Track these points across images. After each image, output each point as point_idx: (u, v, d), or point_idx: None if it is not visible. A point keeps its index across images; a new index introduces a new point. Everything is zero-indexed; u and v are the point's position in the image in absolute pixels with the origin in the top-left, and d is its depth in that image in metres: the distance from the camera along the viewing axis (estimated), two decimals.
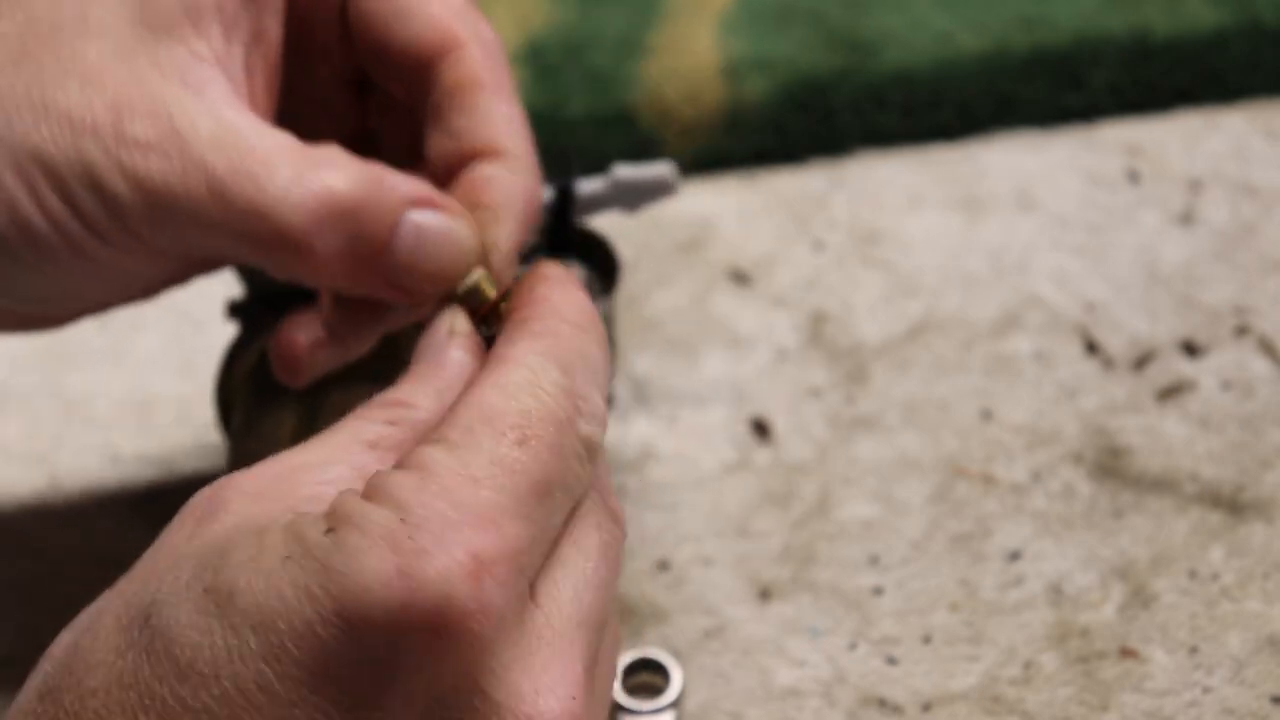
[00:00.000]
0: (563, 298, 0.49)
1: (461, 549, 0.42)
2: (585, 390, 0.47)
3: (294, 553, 0.42)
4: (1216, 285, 0.73)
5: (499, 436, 0.44)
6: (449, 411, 0.46)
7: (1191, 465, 0.67)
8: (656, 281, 0.75)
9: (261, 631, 0.41)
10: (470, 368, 0.49)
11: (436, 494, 0.43)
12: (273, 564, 0.42)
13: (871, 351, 0.72)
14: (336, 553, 0.41)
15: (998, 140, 0.80)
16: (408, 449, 0.46)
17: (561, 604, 0.45)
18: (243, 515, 0.44)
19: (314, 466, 0.46)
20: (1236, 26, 0.81)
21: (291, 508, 0.44)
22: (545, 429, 0.45)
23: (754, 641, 0.63)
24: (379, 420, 0.47)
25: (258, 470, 0.46)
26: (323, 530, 0.42)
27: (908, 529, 0.66)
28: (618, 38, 0.82)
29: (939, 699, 0.61)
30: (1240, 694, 0.60)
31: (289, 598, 0.41)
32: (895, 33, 0.82)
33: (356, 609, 0.41)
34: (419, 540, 0.42)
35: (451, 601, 0.41)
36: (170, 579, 0.43)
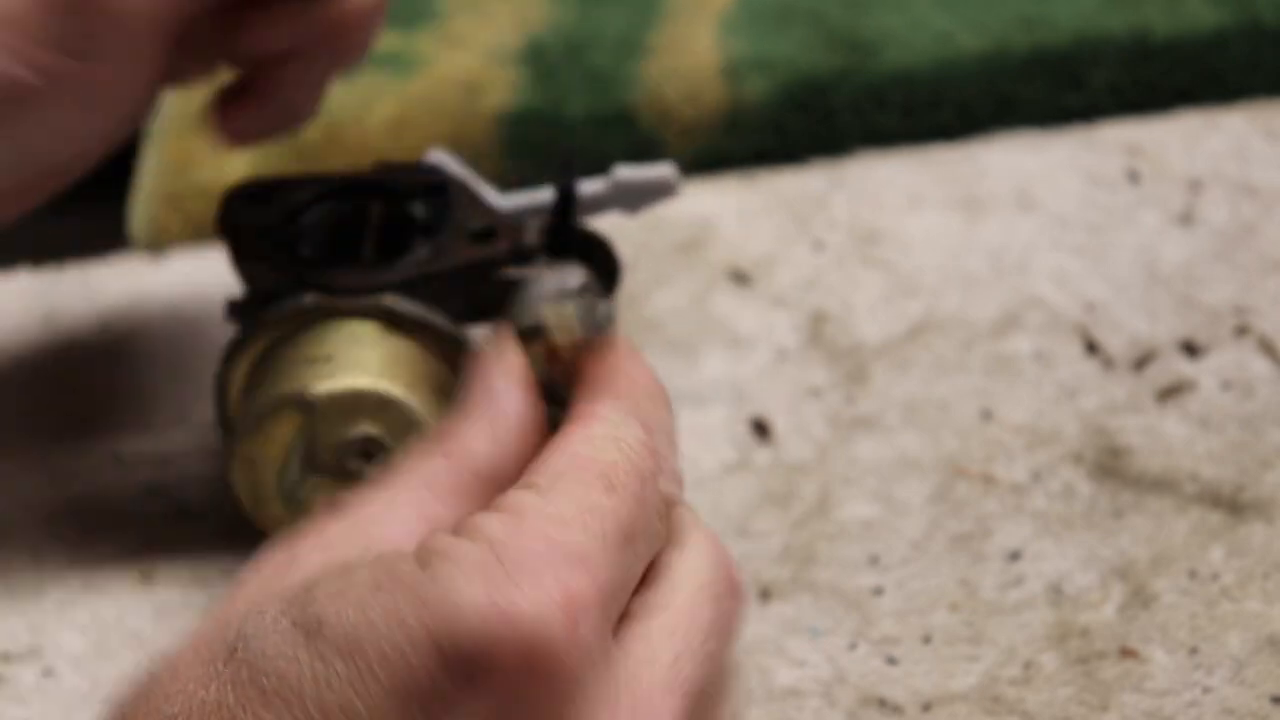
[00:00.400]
0: (636, 368, 0.50)
1: (555, 584, 0.42)
2: (664, 451, 0.48)
3: (384, 583, 0.41)
4: (1217, 285, 0.73)
5: (587, 485, 0.45)
6: (537, 460, 0.46)
7: (1192, 465, 0.67)
8: (656, 281, 0.75)
9: (349, 658, 0.41)
10: (528, 413, 0.49)
11: (528, 532, 0.43)
12: (362, 594, 0.41)
13: (871, 351, 0.72)
14: (430, 582, 0.41)
15: (998, 140, 0.80)
16: (469, 491, 0.46)
17: (654, 655, 0.45)
18: (322, 561, 0.44)
19: (381, 512, 0.46)
20: (1237, 26, 0.81)
21: (369, 550, 0.44)
22: (630, 480, 0.46)
23: (753, 641, 0.63)
24: (439, 463, 0.47)
25: (323, 524, 0.46)
26: (413, 563, 0.42)
27: (908, 529, 0.66)
28: (618, 38, 0.82)
29: (939, 699, 0.61)
30: (1240, 694, 0.60)
31: (379, 624, 0.41)
32: (895, 33, 0.82)
33: (449, 636, 0.41)
34: (513, 573, 0.41)
35: (545, 634, 0.41)
36: (255, 618, 0.42)
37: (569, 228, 0.62)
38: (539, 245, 0.61)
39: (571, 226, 0.62)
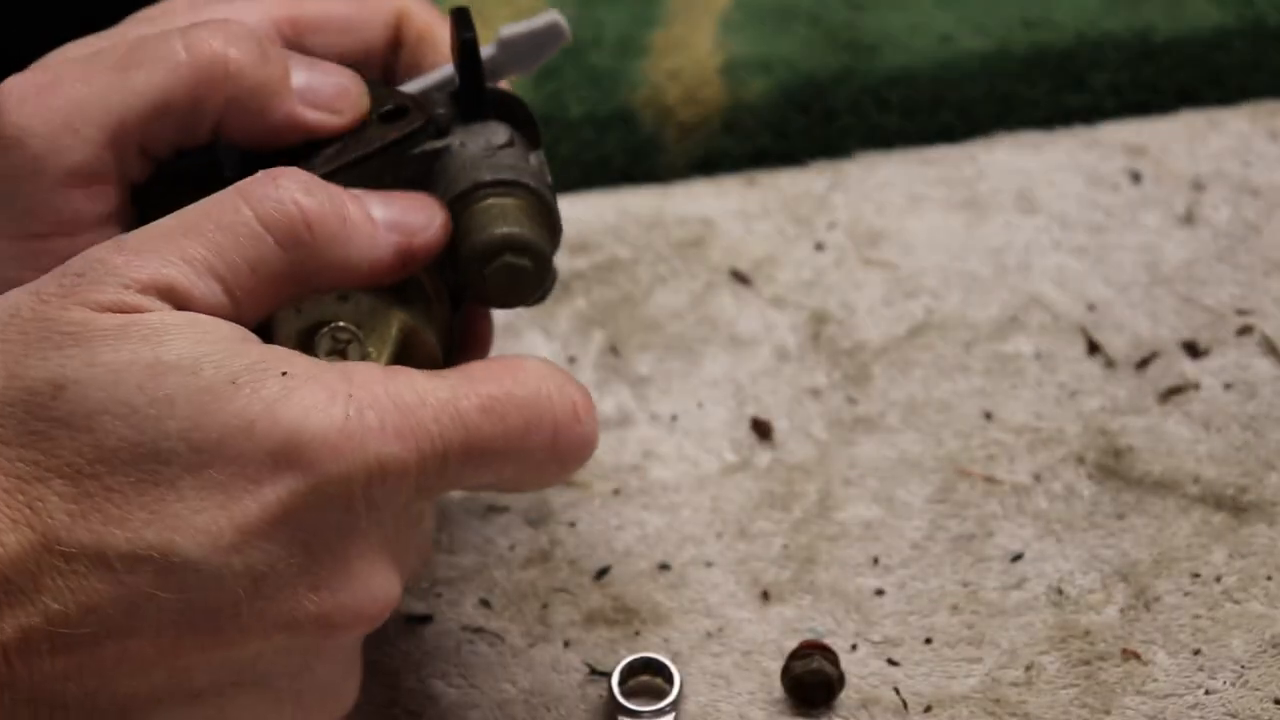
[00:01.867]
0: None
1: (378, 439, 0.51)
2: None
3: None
4: (1219, 286, 0.73)
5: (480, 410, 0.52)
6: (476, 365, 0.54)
7: (1194, 466, 0.67)
8: (656, 281, 0.74)
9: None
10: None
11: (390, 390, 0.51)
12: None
13: (872, 352, 0.72)
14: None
15: (999, 141, 0.80)
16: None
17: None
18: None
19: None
20: (1239, 26, 0.81)
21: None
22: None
23: (755, 643, 0.63)
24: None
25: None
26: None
27: (909, 530, 0.66)
28: (618, 38, 0.82)
29: (940, 701, 0.61)
30: (1243, 696, 0.60)
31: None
32: (895, 33, 0.82)
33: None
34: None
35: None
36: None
37: (479, 86, 0.59)
38: (452, 115, 0.59)
39: (482, 85, 0.59)
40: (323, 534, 0.49)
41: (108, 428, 0.47)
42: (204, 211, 0.51)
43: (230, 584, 0.48)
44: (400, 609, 0.64)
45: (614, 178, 0.79)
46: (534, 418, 0.53)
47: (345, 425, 0.49)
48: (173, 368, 0.48)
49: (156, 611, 0.48)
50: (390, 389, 0.50)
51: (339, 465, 0.49)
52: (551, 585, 0.64)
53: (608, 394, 0.70)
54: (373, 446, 0.49)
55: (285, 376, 0.49)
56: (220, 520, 0.48)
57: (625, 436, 0.69)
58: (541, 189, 0.57)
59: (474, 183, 0.56)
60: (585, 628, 0.63)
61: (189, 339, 0.49)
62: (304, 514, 0.49)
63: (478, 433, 0.51)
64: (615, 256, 0.75)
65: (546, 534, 0.66)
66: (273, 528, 0.48)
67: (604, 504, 0.67)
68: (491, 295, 0.56)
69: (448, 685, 0.62)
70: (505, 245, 0.55)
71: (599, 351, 0.72)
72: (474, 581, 0.65)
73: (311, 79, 0.57)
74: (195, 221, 0.51)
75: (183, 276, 0.50)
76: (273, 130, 0.56)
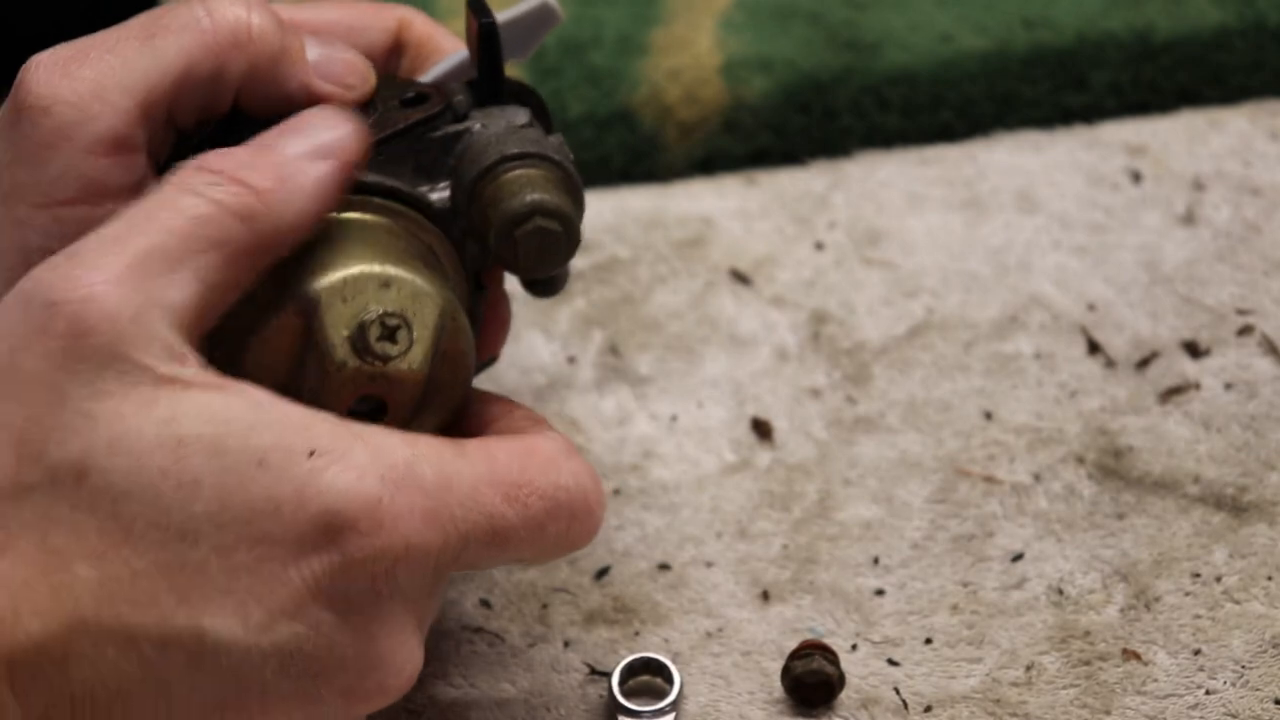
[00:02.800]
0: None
1: (410, 522, 0.51)
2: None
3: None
4: (1219, 285, 0.73)
5: (496, 487, 0.52)
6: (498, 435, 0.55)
7: (1194, 466, 0.67)
8: (656, 281, 0.74)
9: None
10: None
11: (416, 473, 0.51)
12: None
13: (872, 352, 0.72)
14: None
15: (999, 140, 0.80)
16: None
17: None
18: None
19: None
20: (1239, 26, 0.81)
21: None
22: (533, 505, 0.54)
23: (755, 643, 0.62)
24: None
25: None
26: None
27: (909, 530, 0.66)
28: (618, 38, 0.82)
29: (940, 701, 0.61)
30: (1244, 696, 0.60)
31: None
32: (895, 33, 0.82)
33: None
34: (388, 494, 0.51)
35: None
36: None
37: (499, 71, 0.60)
38: (470, 102, 0.59)
39: (501, 69, 0.60)
40: (349, 613, 0.49)
41: (134, 513, 0.47)
42: (148, 207, 0.50)
43: (258, 663, 0.48)
44: None
45: (614, 177, 0.79)
46: (553, 509, 0.53)
47: (377, 511, 0.49)
48: (197, 450, 0.47)
49: (185, 691, 0.48)
50: (417, 469, 0.50)
51: (368, 549, 0.49)
52: (551, 585, 0.64)
53: (608, 394, 0.70)
54: (402, 531, 0.49)
55: (313, 456, 0.48)
56: (249, 603, 0.48)
57: (625, 436, 0.69)
58: (565, 163, 0.58)
59: (501, 155, 0.57)
60: (585, 628, 0.63)
61: (211, 415, 0.48)
62: (331, 594, 0.49)
63: (500, 521, 0.52)
64: (615, 256, 0.75)
65: None
66: (301, 609, 0.48)
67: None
68: (522, 261, 0.57)
69: (448, 685, 0.62)
70: (535, 210, 0.56)
71: (599, 351, 0.72)
72: (474, 581, 0.64)
73: (323, 53, 0.57)
74: (144, 216, 0.50)
75: (160, 284, 0.49)
76: (288, 99, 0.56)
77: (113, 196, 0.54)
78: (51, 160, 0.54)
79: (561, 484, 0.53)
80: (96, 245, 0.49)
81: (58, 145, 0.53)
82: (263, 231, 0.51)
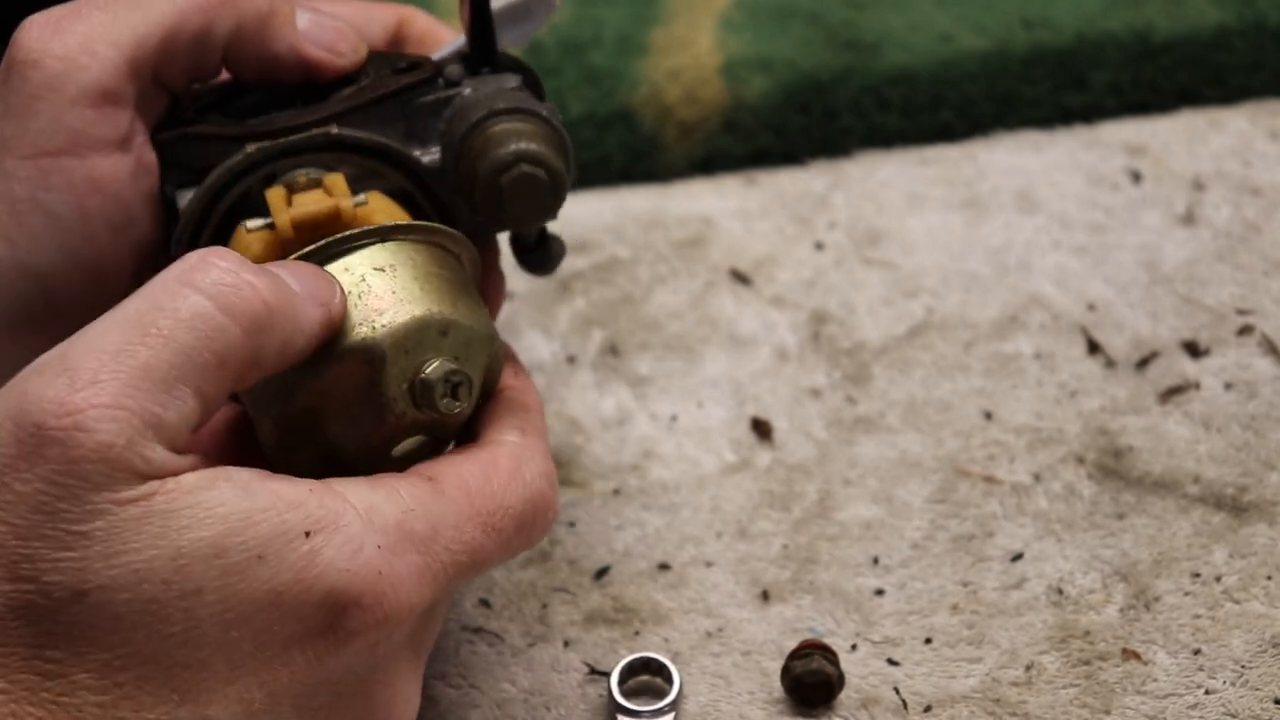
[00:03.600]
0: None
1: (394, 589, 0.51)
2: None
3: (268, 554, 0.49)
4: (1219, 285, 0.73)
5: (474, 519, 0.53)
6: (465, 455, 0.54)
7: (1194, 466, 0.67)
8: (656, 281, 0.74)
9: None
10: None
11: (406, 527, 0.51)
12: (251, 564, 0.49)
13: (872, 352, 0.72)
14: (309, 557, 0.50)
15: (999, 140, 0.80)
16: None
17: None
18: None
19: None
20: (1239, 26, 0.81)
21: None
22: (510, 531, 0.54)
23: (755, 643, 0.62)
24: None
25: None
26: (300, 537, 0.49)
27: (909, 530, 0.66)
28: (618, 37, 0.82)
29: (940, 700, 0.61)
30: (1243, 696, 0.60)
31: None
32: (895, 33, 0.82)
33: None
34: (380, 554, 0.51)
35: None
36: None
37: (490, 37, 0.60)
38: (462, 72, 0.60)
39: (492, 35, 0.60)
40: (350, 680, 0.50)
41: (136, 624, 0.46)
42: (153, 306, 0.48)
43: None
44: None
45: (614, 177, 0.79)
46: (521, 523, 0.54)
47: (378, 585, 0.49)
48: (197, 557, 0.47)
49: None
50: (408, 525, 0.50)
51: (371, 621, 0.49)
52: (551, 585, 0.64)
53: (608, 394, 0.70)
54: (403, 597, 0.49)
55: (309, 538, 0.48)
56: (252, 688, 0.48)
57: (625, 436, 0.69)
58: (554, 120, 0.58)
59: (489, 110, 0.57)
60: (585, 628, 0.63)
61: (207, 515, 0.47)
62: (333, 668, 0.49)
63: (481, 552, 0.52)
64: (615, 256, 0.75)
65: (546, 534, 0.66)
66: (304, 687, 0.48)
67: (604, 504, 0.67)
68: (509, 210, 0.57)
69: (448, 685, 0.62)
70: (520, 158, 0.56)
71: (599, 351, 0.72)
72: (474, 581, 0.65)
73: (314, 20, 0.57)
74: (148, 321, 0.48)
75: (156, 408, 0.47)
76: (276, 61, 0.56)
77: (98, 149, 0.54)
78: (39, 112, 0.54)
79: (527, 496, 0.54)
80: (94, 360, 0.47)
81: (45, 97, 0.54)
82: (261, 345, 0.50)
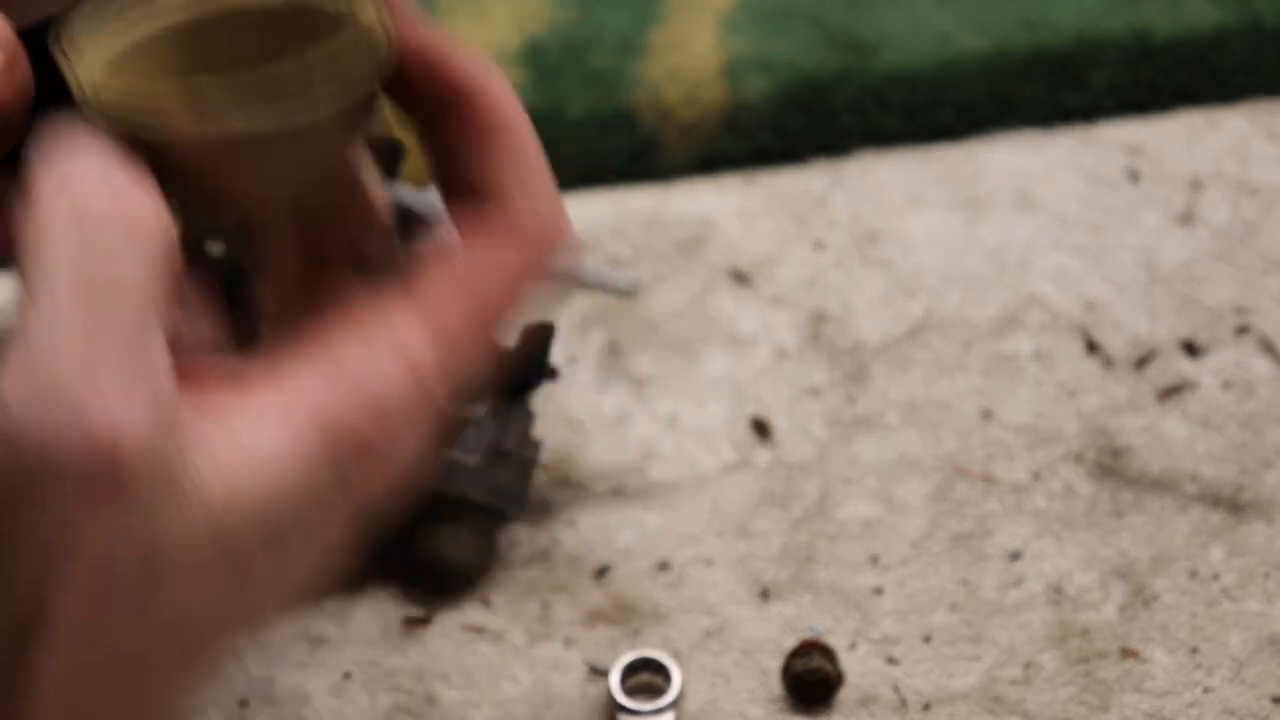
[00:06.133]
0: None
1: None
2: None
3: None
4: (1217, 285, 0.73)
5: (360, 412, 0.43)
6: (314, 339, 0.44)
7: (1192, 465, 0.67)
8: (656, 281, 0.74)
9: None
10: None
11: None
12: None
13: (871, 351, 0.72)
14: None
15: (998, 140, 0.80)
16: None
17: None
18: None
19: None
20: (1237, 26, 0.81)
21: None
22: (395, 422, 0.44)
23: (754, 642, 0.63)
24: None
25: None
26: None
27: (908, 529, 0.66)
28: (618, 38, 0.82)
29: (939, 699, 0.61)
30: (1241, 694, 0.60)
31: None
32: (895, 33, 0.82)
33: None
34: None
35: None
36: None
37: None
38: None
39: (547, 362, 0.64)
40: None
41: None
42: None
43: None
44: (400, 611, 0.64)
45: (614, 178, 0.79)
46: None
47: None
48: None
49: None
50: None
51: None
52: (551, 584, 0.65)
53: (608, 394, 0.70)
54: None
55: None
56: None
57: (625, 436, 0.69)
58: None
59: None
60: (585, 627, 0.63)
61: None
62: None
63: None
64: (615, 256, 0.75)
65: (546, 533, 0.66)
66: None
67: (604, 503, 0.67)
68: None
69: (448, 685, 0.62)
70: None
71: (599, 351, 0.72)
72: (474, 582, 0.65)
73: None
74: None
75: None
76: None
77: None
78: None
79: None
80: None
81: None
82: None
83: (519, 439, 0.64)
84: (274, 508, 0.42)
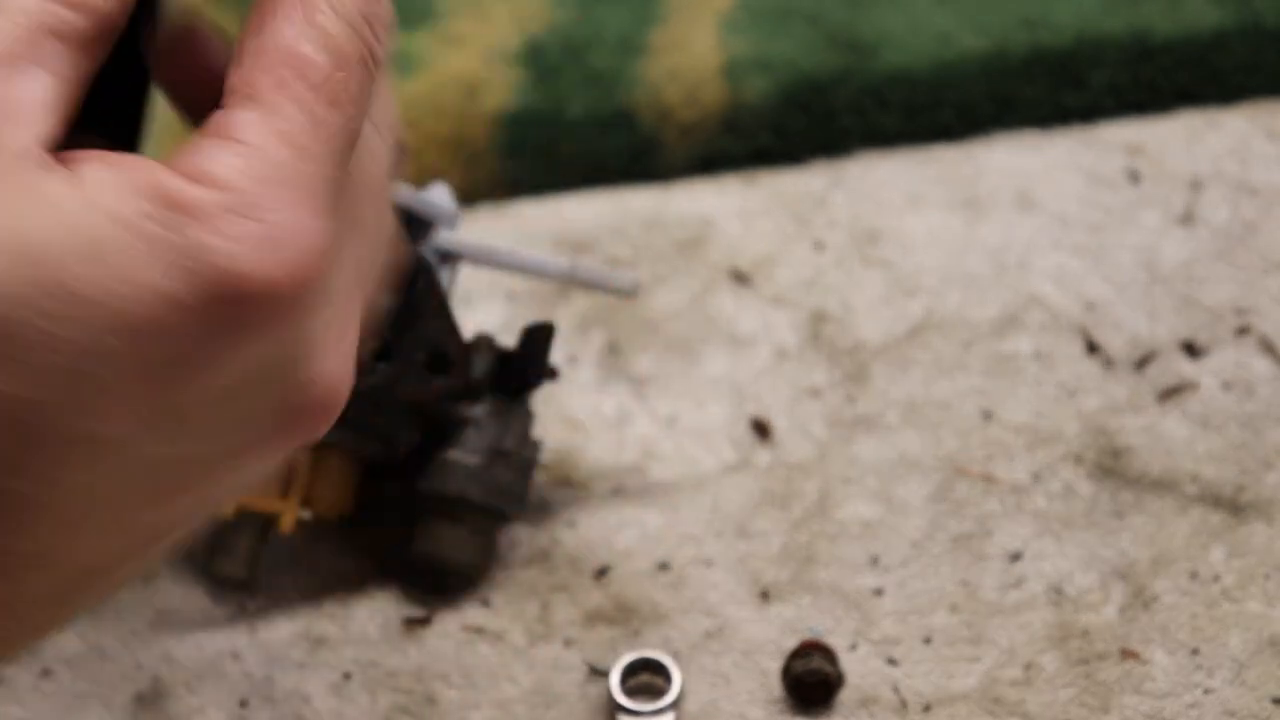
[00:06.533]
0: None
1: (295, 233, 0.42)
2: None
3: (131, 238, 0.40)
4: (1217, 285, 0.73)
5: (313, 96, 0.43)
6: (253, 54, 0.43)
7: (1192, 465, 0.67)
8: (656, 281, 0.74)
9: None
10: None
11: (263, 172, 0.42)
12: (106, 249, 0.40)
13: (871, 351, 0.72)
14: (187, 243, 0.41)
15: (998, 140, 0.80)
16: (95, 40, 0.43)
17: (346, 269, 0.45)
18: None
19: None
20: (1237, 26, 0.81)
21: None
22: (351, 83, 0.44)
23: (754, 642, 0.63)
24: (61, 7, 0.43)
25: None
26: (152, 218, 0.41)
27: (908, 529, 0.66)
28: (618, 38, 0.82)
29: (939, 700, 0.61)
30: (1241, 695, 0.60)
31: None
32: (895, 33, 0.82)
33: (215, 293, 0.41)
34: (253, 225, 0.41)
35: (285, 274, 0.42)
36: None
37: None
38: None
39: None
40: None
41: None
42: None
43: None
44: (400, 611, 0.64)
45: (614, 178, 0.79)
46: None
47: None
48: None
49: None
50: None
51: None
52: (551, 585, 0.65)
53: (608, 394, 0.70)
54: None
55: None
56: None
57: (625, 436, 0.69)
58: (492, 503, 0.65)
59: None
60: (585, 627, 0.63)
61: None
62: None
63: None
64: (615, 256, 0.75)
65: (546, 533, 0.66)
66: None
67: (604, 503, 0.67)
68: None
69: (447, 685, 0.62)
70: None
71: (599, 351, 0.72)
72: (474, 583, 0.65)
73: None
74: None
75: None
76: None
77: None
78: None
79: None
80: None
81: None
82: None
83: (519, 439, 0.64)
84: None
